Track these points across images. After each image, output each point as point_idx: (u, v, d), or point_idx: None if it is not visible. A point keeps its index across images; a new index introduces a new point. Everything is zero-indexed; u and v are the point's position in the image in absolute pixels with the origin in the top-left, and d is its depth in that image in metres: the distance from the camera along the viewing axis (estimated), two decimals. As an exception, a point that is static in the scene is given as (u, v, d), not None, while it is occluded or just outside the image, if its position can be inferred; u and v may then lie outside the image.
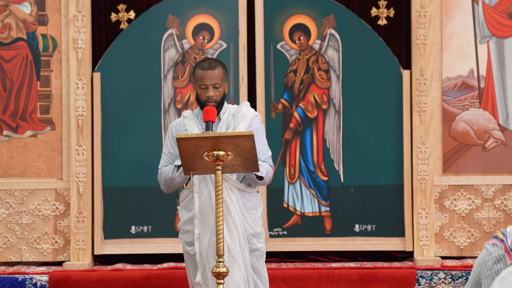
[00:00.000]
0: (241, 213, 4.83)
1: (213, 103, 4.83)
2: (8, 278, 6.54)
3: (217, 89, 4.86)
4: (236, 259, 4.75)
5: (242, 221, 4.82)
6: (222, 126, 4.89)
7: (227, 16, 6.97)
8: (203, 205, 4.80)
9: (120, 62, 6.95)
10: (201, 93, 4.87)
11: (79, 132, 6.87)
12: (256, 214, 4.92)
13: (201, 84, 4.86)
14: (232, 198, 4.81)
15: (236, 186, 4.84)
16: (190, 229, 4.89)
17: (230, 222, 4.78)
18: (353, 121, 6.95)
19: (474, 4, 6.91)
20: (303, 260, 6.96)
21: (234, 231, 4.78)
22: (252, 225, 4.87)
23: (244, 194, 4.88)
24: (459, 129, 6.93)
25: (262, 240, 4.93)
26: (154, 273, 6.60)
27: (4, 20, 6.94)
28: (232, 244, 4.75)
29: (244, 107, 4.95)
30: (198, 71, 4.87)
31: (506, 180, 6.92)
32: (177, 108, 6.95)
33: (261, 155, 4.89)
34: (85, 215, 6.86)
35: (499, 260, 2.96)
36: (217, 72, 4.86)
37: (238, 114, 4.92)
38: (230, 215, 4.78)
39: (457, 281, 6.55)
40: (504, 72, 6.92)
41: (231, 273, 4.70)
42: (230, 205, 4.79)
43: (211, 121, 4.74)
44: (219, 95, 4.87)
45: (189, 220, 4.89)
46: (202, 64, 4.88)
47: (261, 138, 4.93)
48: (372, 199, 6.92)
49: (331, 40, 6.97)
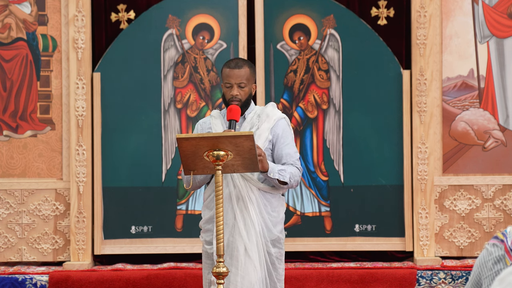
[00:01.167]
0: (260, 214, 4.80)
1: (237, 102, 4.82)
2: (8, 278, 6.55)
3: (242, 88, 4.85)
4: (252, 259, 4.72)
5: (261, 222, 4.80)
6: (246, 125, 4.88)
7: (227, 16, 6.97)
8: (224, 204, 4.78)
9: (120, 62, 6.95)
10: (226, 91, 4.87)
11: (79, 132, 6.87)
12: (277, 216, 4.88)
13: (226, 83, 4.86)
14: (252, 198, 4.79)
15: (257, 186, 4.83)
16: (210, 228, 4.86)
17: (249, 222, 4.75)
18: (353, 121, 6.95)
19: (474, 4, 6.91)
20: (303, 260, 6.96)
21: (252, 231, 4.75)
22: (271, 228, 4.83)
23: (265, 195, 4.85)
24: (459, 129, 6.93)
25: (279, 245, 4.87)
26: (154, 273, 6.60)
27: (4, 20, 6.94)
28: (249, 244, 4.73)
29: (269, 107, 4.93)
30: (224, 70, 4.88)
31: (506, 180, 6.92)
32: (177, 108, 6.95)
33: (289, 158, 4.85)
34: (85, 215, 6.87)
35: (499, 261, 2.96)
36: (243, 72, 4.84)
37: (262, 114, 4.90)
38: (249, 215, 4.76)
39: (457, 281, 6.55)
40: (504, 72, 6.92)
41: (246, 273, 4.68)
42: (249, 204, 4.76)
43: (234, 120, 4.74)
44: (244, 95, 4.85)
45: (210, 219, 4.86)
46: (229, 63, 4.89)
47: (288, 141, 4.89)
48: (372, 199, 6.92)
49: (331, 40, 6.97)
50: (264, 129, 4.84)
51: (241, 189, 4.77)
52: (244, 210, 4.74)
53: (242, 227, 4.70)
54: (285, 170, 4.79)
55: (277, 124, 4.89)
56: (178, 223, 6.96)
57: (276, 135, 4.87)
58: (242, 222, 4.72)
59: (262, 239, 4.77)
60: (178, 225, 6.96)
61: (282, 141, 4.86)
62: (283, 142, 4.85)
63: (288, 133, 4.92)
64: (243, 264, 4.67)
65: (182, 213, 6.96)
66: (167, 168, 6.94)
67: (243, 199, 4.76)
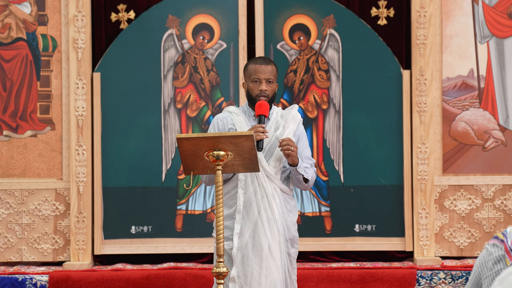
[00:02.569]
0: (283, 214, 4.83)
1: (265, 98, 4.82)
2: (8, 278, 6.54)
3: (269, 84, 4.85)
4: (275, 259, 4.74)
5: (283, 222, 4.82)
6: (271, 125, 4.88)
7: (227, 16, 6.97)
8: (248, 201, 4.79)
9: (120, 62, 6.95)
10: (254, 87, 4.85)
11: (79, 132, 6.87)
12: (294, 216, 4.92)
13: (254, 78, 4.84)
14: (276, 199, 4.81)
15: (280, 186, 4.84)
16: (228, 225, 4.84)
17: (273, 223, 4.76)
18: (353, 121, 6.95)
19: (474, 4, 6.91)
20: (303, 260, 6.96)
21: (275, 231, 4.76)
22: (291, 228, 4.87)
23: (285, 197, 4.88)
24: (459, 129, 6.93)
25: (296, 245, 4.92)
26: (154, 273, 6.60)
27: (4, 20, 6.94)
28: (273, 244, 4.74)
29: (295, 110, 4.95)
30: (251, 66, 4.87)
31: (506, 180, 6.92)
32: (177, 108, 6.95)
33: (307, 161, 4.88)
34: (85, 215, 6.87)
35: (499, 261, 2.96)
36: (270, 68, 4.86)
37: (288, 116, 4.91)
38: (273, 215, 4.76)
39: (457, 281, 6.55)
40: (504, 72, 6.92)
41: (270, 272, 4.70)
42: (274, 206, 4.78)
43: (264, 115, 4.73)
44: (271, 91, 4.86)
45: (229, 216, 4.84)
46: (256, 60, 4.90)
47: (306, 144, 4.95)
48: (372, 199, 6.92)
49: (331, 40, 6.97)
50: (291, 130, 4.86)
51: (266, 188, 4.78)
52: (269, 209, 4.76)
53: (266, 226, 4.72)
54: (309, 169, 4.86)
55: (299, 126, 4.95)
56: (178, 223, 6.96)
57: (297, 137, 4.92)
58: (266, 221, 4.74)
59: (283, 240, 4.80)
60: (178, 225, 6.96)
61: (301, 144, 4.92)
62: (302, 144, 4.92)
63: (305, 136, 4.99)
64: (266, 263, 4.68)
65: (182, 213, 6.96)
66: (167, 168, 6.94)
67: (268, 198, 4.77)
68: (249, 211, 4.78)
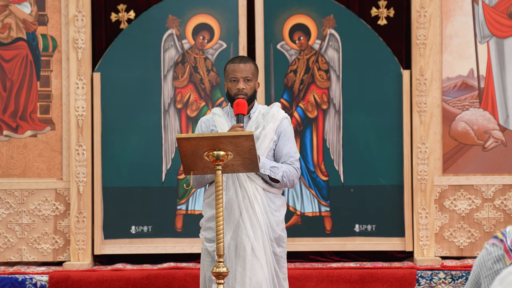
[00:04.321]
0: (266, 214, 4.81)
1: (244, 96, 4.82)
2: (8, 278, 6.54)
3: (247, 82, 4.85)
4: (259, 259, 4.72)
5: (266, 222, 4.81)
6: (252, 125, 4.88)
7: (227, 16, 6.97)
8: (229, 202, 4.78)
9: (120, 62, 6.95)
10: (232, 86, 4.86)
11: (79, 132, 6.87)
12: (280, 216, 4.90)
13: (232, 77, 4.85)
14: (258, 198, 4.79)
15: (262, 186, 4.84)
16: (211, 226, 4.84)
17: (255, 222, 4.75)
18: (353, 121, 6.95)
19: (474, 4, 6.91)
20: (303, 260, 6.96)
21: (258, 231, 4.75)
22: (275, 227, 4.85)
23: (268, 195, 4.87)
24: (459, 129, 6.93)
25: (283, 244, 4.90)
26: (154, 273, 6.60)
27: (4, 20, 6.94)
28: (256, 244, 4.73)
29: (275, 108, 4.94)
30: (229, 66, 4.89)
31: (506, 180, 6.92)
32: (177, 108, 6.95)
33: (288, 158, 4.87)
34: (85, 215, 6.87)
35: (498, 260, 2.96)
36: (248, 66, 4.87)
37: (268, 115, 4.90)
38: (255, 215, 4.76)
39: (457, 281, 6.55)
40: (504, 72, 6.92)
41: (254, 273, 4.68)
42: (256, 205, 4.77)
43: (242, 114, 4.73)
44: (249, 89, 4.86)
45: (213, 218, 4.83)
46: (233, 60, 4.91)
47: (289, 140, 4.92)
48: (372, 199, 6.92)
49: (331, 40, 6.97)
50: (270, 129, 4.85)
51: (247, 188, 4.77)
52: (250, 209, 4.74)
53: (248, 227, 4.70)
54: (278, 168, 4.82)
55: (280, 124, 4.91)
56: (178, 223, 6.96)
57: (278, 134, 4.89)
58: (248, 222, 4.72)
59: (267, 239, 4.78)
60: (178, 225, 6.96)
61: (282, 140, 4.88)
62: (284, 141, 4.87)
63: (289, 132, 4.94)
64: (250, 264, 4.66)
65: (182, 213, 6.96)
66: (167, 168, 6.95)
67: (249, 199, 4.76)
68: (230, 212, 4.77)
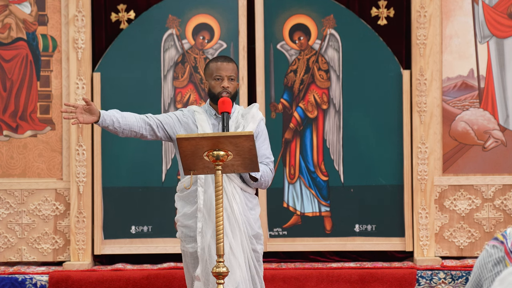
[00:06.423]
0: (244, 212, 4.83)
1: (228, 95, 4.84)
2: (8, 278, 6.55)
3: (231, 81, 4.87)
4: (237, 258, 4.74)
5: (244, 221, 4.82)
6: (232, 124, 4.90)
7: (227, 16, 6.97)
8: (208, 200, 4.78)
9: (120, 62, 6.95)
10: (216, 84, 4.88)
11: (79, 132, 6.87)
12: (256, 214, 4.94)
13: (216, 76, 4.86)
14: (236, 197, 4.81)
15: (240, 185, 4.85)
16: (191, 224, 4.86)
17: (233, 221, 4.77)
18: (353, 121, 6.95)
19: (474, 4, 6.91)
20: (303, 260, 6.96)
21: (236, 230, 4.77)
22: (253, 225, 4.88)
23: (245, 194, 4.89)
24: (459, 129, 6.93)
25: (261, 241, 4.94)
26: (154, 273, 6.60)
27: (4, 20, 6.94)
28: (234, 243, 4.74)
29: (254, 109, 4.97)
30: (213, 64, 4.90)
31: (506, 180, 6.92)
32: (177, 108, 6.94)
33: (264, 159, 4.90)
34: (85, 215, 6.87)
35: (499, 262, 2.96)
36: (232, 66, 4.90)
37: (248, 115, 4.93)
38: (234, 214, 4.77)
39: (457, 281, 6.55)
40: (504, 72, 6.92)
41: (232, 272, 4.69)
42: (234, 204, 4.78)
43: (227, 112, 4.74)
44: (233, 89, 4.89)
45: (192, 215, 4.85)
46: (217, 58, 4.93)
47: (265, 142, 4.95)
48: (372, 199, 6.93)
49: (331, 40, 6.97)
50: (251, 129, 4.86)
51: (226, 188, 4.78)
52: (229, 208, 4.76)
53: (227, 226, 4.71)
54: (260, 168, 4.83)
55: (258, 124, 4.95)
56: (178, 223, 6.95)
57: (255, 134, 4.91)
58: (227, 220, 4.73)
59: (246, 237, 4.79)
60: (178, 225, 6.95)
61: (259, 141, 4.91)
62: (261, 142, 4.91)
63: (266, 134, 4.99)
64: (228, 262, 4.66)
65: (182, 213, 6.96)
66: (167, 168, 6.94)
67: (228, 198, 4.77)
68: (210, 210, 4.77)
